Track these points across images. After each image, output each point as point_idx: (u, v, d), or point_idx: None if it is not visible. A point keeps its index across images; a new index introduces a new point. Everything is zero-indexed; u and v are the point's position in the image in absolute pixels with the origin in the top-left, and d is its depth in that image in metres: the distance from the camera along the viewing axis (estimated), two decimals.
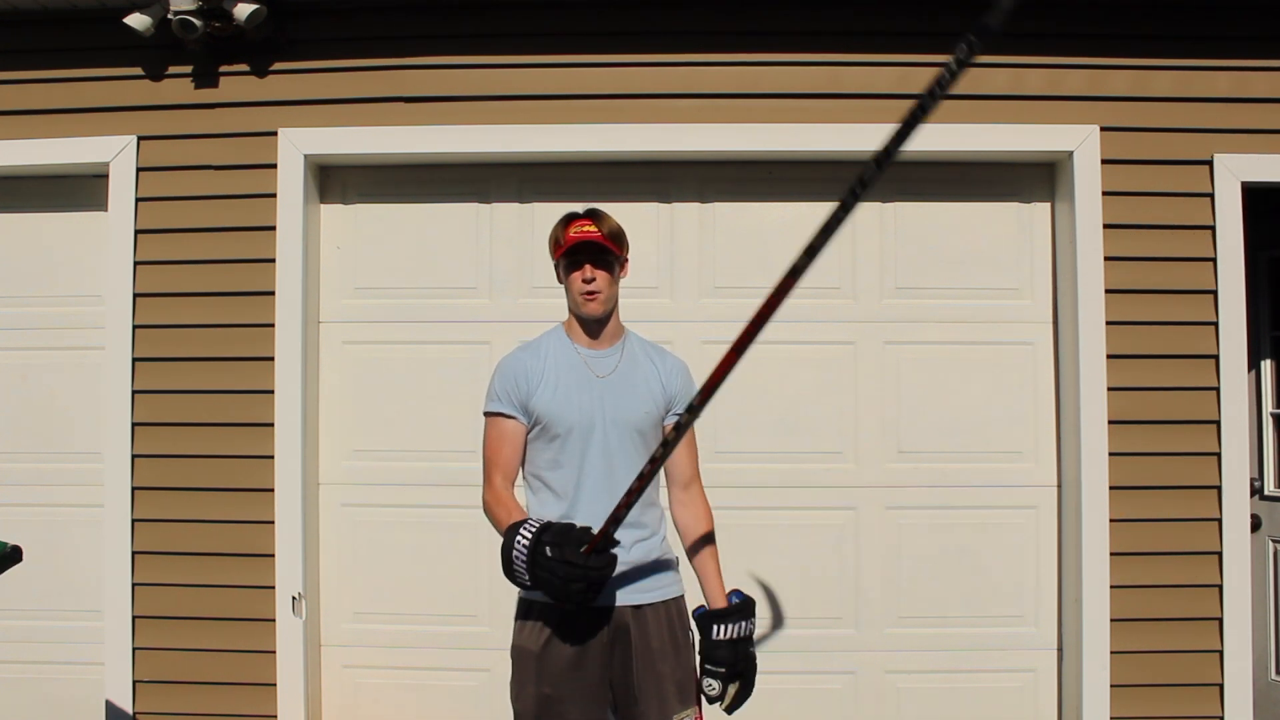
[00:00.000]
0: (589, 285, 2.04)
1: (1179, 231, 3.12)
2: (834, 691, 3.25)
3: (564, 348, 2.11)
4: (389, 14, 3.15)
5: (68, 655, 3.26)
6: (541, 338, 2.16)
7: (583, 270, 2.04)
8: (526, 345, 2.16)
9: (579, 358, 2.10)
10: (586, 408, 2.05)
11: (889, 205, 3.31)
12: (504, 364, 2.11)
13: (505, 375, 2.08)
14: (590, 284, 2.04)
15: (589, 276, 2.04)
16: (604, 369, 2.09)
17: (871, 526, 3.26)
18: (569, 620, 2.02)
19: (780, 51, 3.17)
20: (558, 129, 3.17)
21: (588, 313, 2.07)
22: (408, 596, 3.28)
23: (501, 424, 2.07)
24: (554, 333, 2.16)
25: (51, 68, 3.22)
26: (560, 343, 2.12)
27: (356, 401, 3.32)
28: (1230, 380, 3.07)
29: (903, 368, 3.28)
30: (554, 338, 2.14)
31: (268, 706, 3.13)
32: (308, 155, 3.19)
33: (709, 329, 3.27)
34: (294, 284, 3.17)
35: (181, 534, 3.15)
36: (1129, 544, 3.07)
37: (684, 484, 2.17)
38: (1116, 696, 3.05)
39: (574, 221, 2.07)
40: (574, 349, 2.11)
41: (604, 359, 2.10)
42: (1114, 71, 3.15)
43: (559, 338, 2.13)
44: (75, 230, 3.34)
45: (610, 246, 2.04)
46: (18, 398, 3.34)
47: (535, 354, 2.11)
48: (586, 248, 2.03)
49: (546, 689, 2.01)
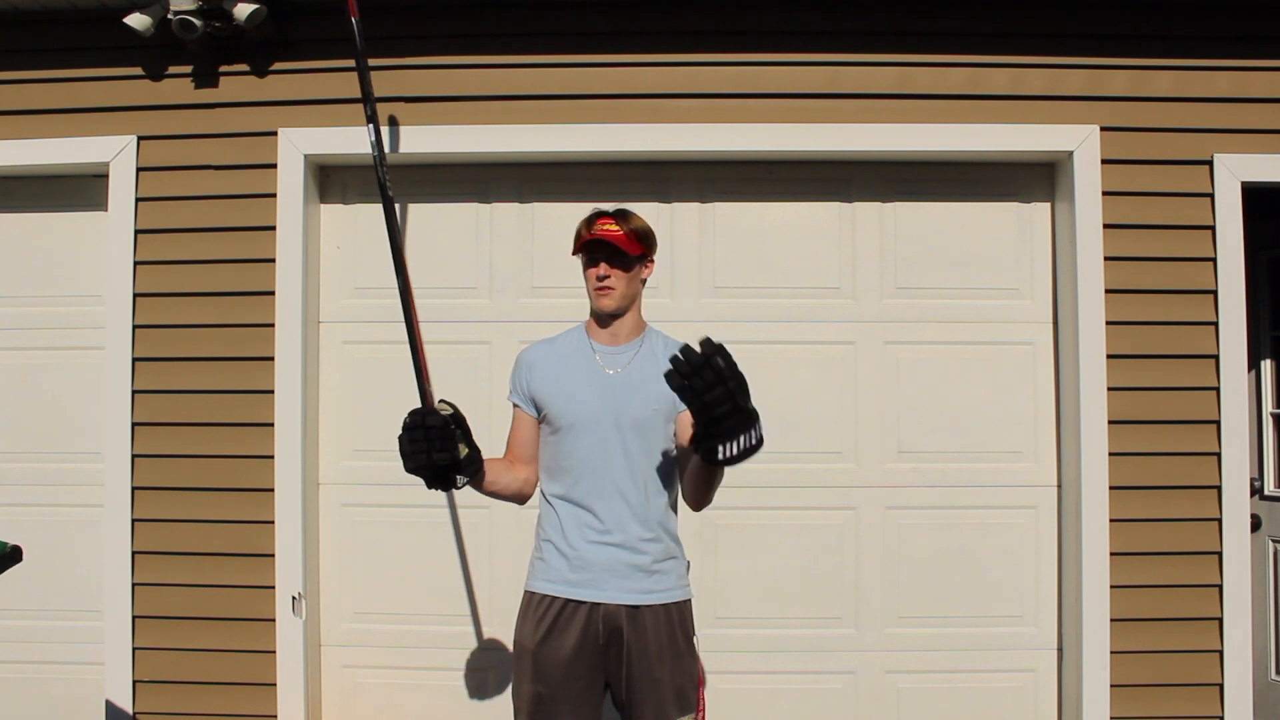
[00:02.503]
0: (602, 281, 2.10)
1: (1179, 231, 3.12)
2: (834, 691, 3.25)
3: (580, 343, 2.18)
4: (389, 14, 3.15)
5: (68, 655, 3.26)
6: (562, 334, 2.24)
7: (598, 267, 2.10)
8: (547, 339, 2.24)
9: (591, 353, 2.16)
10: (591, 403, 2.09)
11: (889, 205, 3.31)
12: (519, 356, 2.22)
13: (516, 367, 2.21)
14: (604, 280, 2.10)
15: (603, 274, 2.10)
16: (615, 365, 2.13)
17: (871, 526, 3.27)
18: (564, 617, 2.04)
19: (780, 51, 3.17)
20: (558, 129, 3.18)
21: (600, 306, 2.13)
22: (407, 596, 3.28)
23: (516, 412, 2.21)
24: (576, 329, 2.23)
25: (51, 68, 3.22)
26: (578, 339, 2.19)
27: (356, 401, 3.32)
28: (1230, 380, 3.08)
29: (903, 368, 3.28)
30: (573, 334, 2.22)
31: (268, 706, 3.13)
32: (308, 155, 3.20)
33: (709, 329, 3.26)
34: (294, 284, 3.17)
35: (181, 534, 3.15)
36: (1129, 544, 3.07)
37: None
38: (1116, 696, 3.05)
39: (599, 219, 2.12)
40: (590, 344, 2.17)
41: (618, 355, 2.15)
42: (1114, 71, 3.15)
43: (578, 334, 2.21)
44: (75, 230, 3.34)
45: (629, 247, 2.08)
46: (18, 398, 3.34)
47: (549, 348, 2.20)
48: (602, 246, 2.09)
49: (540, 687, 2.03)
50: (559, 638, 2.04)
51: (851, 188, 3.32)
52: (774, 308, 3.29)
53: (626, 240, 2.09)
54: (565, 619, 2.05)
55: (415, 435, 1.93)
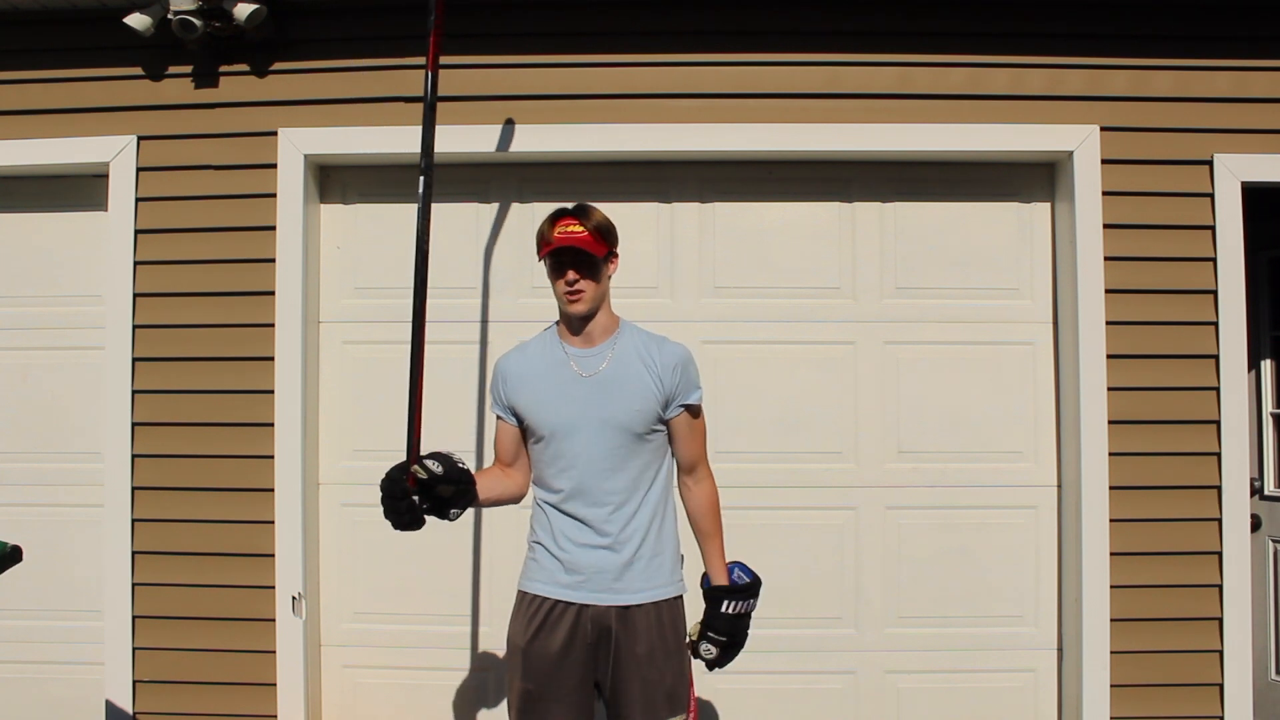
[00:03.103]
0: (571, 287, 2.07)
1: (1179, 231, 3.12)
2: (834, 691, 3.25)
3: (552, 348, 2.15)
4: (389, 14, 3.15)
5: (68, 655, 3.26)
6: (533, 339, 2.21)
7: (565, 275, 2.06)
8: (518, 346, 2.23)
9: (565, 357, 2.12)
10: (567, 410, 2.08)
11: (889, 205, 3.31)
12: (495, 366, 2.21)
13: (493, 378, 2.20)
14: (573, 285, 2.07)
15: (571, 279, 2.06)
16: (590, 368, 2.10)
17: (871, 526, 3.26)
18: (554, 617, 2.06)
19: (780, 51, 3.17)
20: (558, 129, 3.17)
21: (572, 311, 2.10)
22: (407, 596, 3.28)
23: (497, 423, 2.23)
24: (547, 332, 2.20)
25: (51, 68, 3.22)
26: (549, 343, 2.16)
27: (356, 401, 3.32)
28: (1230, 380, 3.07)
29: (903, 368, 3.28)
30: (544, 339, 2.19)
31: (268, 706, 3.13)
32: (308, 155, 3.20)
33: (709, 329, 3.27)
34: (294, 284, 3.17)
35: (181, 534, 3.15)
36: (1129, 544, 3.07)
37: (687, 469, 2.21)
38: (1116, 696, 3.05)
39: (560, 220, 2.08)
40: (562, 349, 2.14)
41: (591, 358, 2.11)
42: (1114, 71, 3.15)
43: (550, 338, 2.18)
44: (75, 230, 3.34)
45: (594, 249, 2.05)
46: (18, 398, 3.34)
47: (521, 356, 2.18)
48: (569, 251, 2.05)
49: (530, 685, 2.04)
50: (548, 636, 2.05)
51: (851, 188, 3.32)
52: (774, 308, 3.29)
53: (592, 241, 2.05)
54: (555, 618, 2.07)
55: (387, 505, 2.00)
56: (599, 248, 2.06)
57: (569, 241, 2.04)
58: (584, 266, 2.06)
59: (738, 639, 2.18)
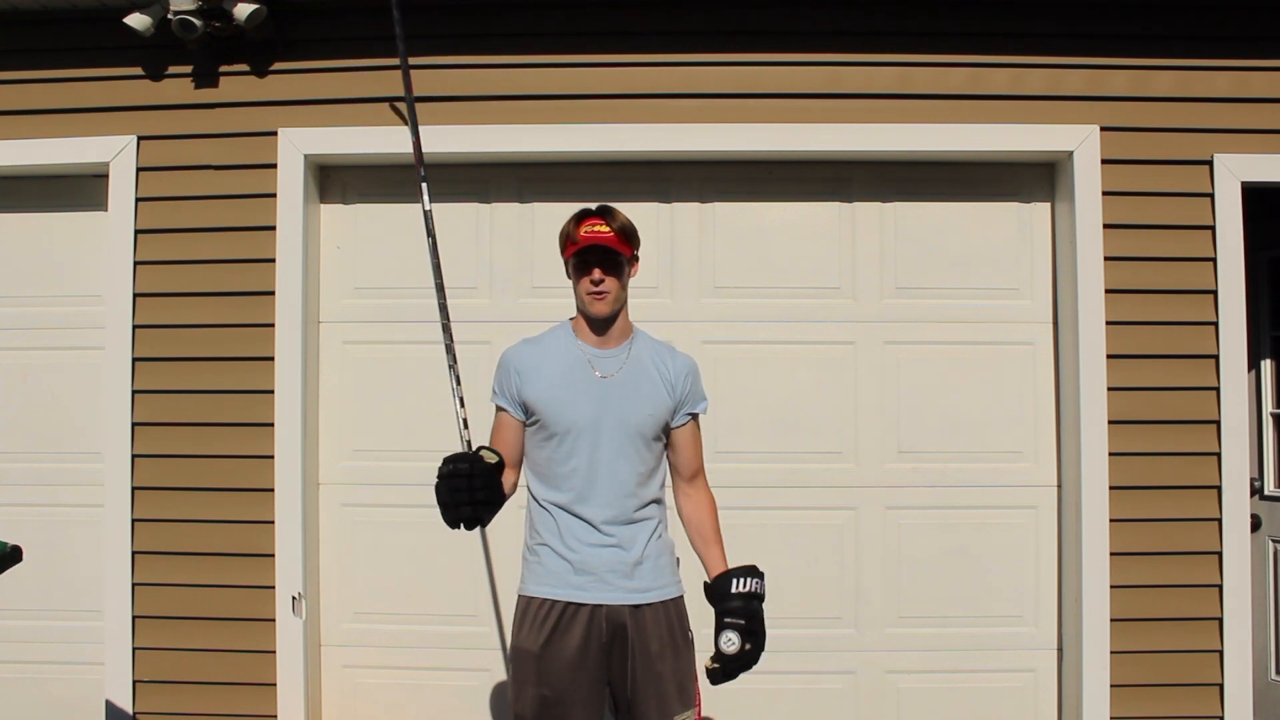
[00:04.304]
0: (596, 287, 2.06)
1: (1179, 231, 3.12)
2: (834, 691, 3.25)
3: (569, 345, 2.13)
4: (389, 14, 3.14)
5: (68, 655, 3.26)
6: (547, 333, 2.19)
7: (591, 273, 2.06)
8: (530, 339, 2.19)
9: (583, 356, 2.11)
10: (587, 408, 2.07)
11: (889, 205, 3.31)
12: (502, 358, 2.16)
13: (501, 370, 2.14)
14: (598, 285, 2.06)
15: (597, 279, 2.06)
16: (608, 369, 2.11)
17: (871, 526, 3.26)
18: (566, 619, 2.03)
19: (780, 51, 3.17)
20: (558, 129, 3.17)
21: (594, 312, 2.09)
22: (407, 596, 3.28)
23: (499, 416, 2.16)
24: (560, 329, 2.18)
25: (51, 68, 3.22)
26: (565, 340, 2.15)
27: (356, 401, 3.32)
28: (1230, 380, 3.07)
29: (903, 368, 3.28)
30: (559, 334, 2.17)
31: (268, 706, 3.13)
32: (308, 155, 3.20)
33: (709, 329, 3.27)
34: (294, 284, 3.17)
35: (181, 534, 3.15)
36: (1129, 544, 3.07)
37: (688, 478, 2.21)
38: (1116, 696, 3.05)
39: (586, 220, 2.08)
40: (579, 347, 2.13)
41: (609, 359, 2.12)
42: (1114, 71, 3.15)
43: (565, 335, 2.16)
44: (75, 230, 3.34)
45: (620, 249, 2.06)
46: (18, 398, 3.34)
47: (536, 348, 2.15)
48: (596, 250, 2.05)
49: (546, 690, 2.02)
50: (562, 639, 2.03)
51: (851, 188, 3.32)
52: (774, 308, 3.29)
53: (618, 241, 2.06)
54: (567, 621, 2.04)
55: (456, 483, 1.93)
56: (625, 248, 2.08)
57: (596, 240, 2.04)
58: (609, 266, 2.07)
59: (754, 625, 2.05)
